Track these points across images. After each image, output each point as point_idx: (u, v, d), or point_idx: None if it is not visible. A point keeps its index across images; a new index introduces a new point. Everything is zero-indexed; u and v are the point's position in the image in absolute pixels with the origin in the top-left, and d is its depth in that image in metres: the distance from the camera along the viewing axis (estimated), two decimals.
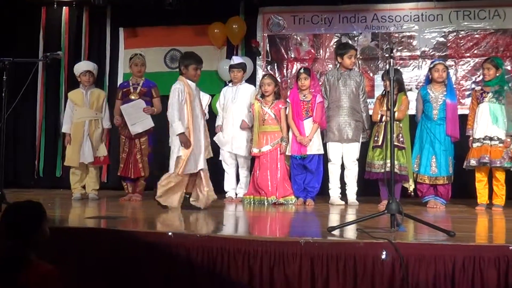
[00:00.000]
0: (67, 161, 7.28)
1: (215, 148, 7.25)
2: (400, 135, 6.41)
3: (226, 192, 7.22)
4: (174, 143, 5.79)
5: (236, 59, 7.44)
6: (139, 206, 6.48)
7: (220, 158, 7.23)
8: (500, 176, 6.32)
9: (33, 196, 6.84)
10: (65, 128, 7.35)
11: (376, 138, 6.50)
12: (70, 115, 7.28)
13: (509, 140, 6.23)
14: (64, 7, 9.07)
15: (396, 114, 6.33)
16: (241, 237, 3.74)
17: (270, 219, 5.54)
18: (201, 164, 5.84)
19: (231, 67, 7.28)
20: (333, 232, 3.96)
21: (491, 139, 6.25)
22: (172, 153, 5.85)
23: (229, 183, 7.24)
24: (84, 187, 7.26)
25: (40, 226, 2.89)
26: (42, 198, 6.73)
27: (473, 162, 6.30)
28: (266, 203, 6.60)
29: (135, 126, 6.96)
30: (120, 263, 3.77)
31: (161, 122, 7.37)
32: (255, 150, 6.80)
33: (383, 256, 3.41)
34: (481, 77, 6.85)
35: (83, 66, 7.36)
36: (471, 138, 6.42)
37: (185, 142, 5.66)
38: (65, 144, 7.38)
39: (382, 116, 6.44)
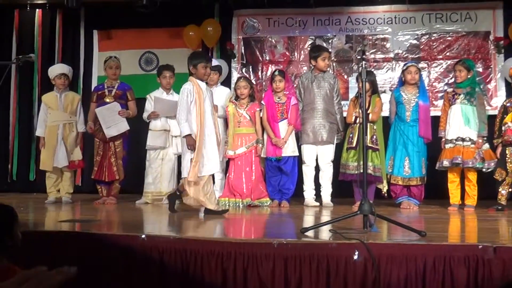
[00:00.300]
0: (41, 165, 7.23)
1: None
2: (374, 136, 6.48)
3: None
4: (184, 145, 5.63)
5: (212, 62, 7.44)
6: (114, 209, 6.46)
7: None
8: (472, 176, 6.40)
9: (6, 200, 6.76)
10: (39, 132, 7.30)
11: (350, 140, 6.56)
12: (44, 119, 7.22)
13: (480, 141, 6.32)
14: (37, 10, 8.98)
15: (370, 115, 6.40)
16: (214, 239, 3.76)
17: (245, 221, 5.56)
18: (217, 166, 5.81)
19: None
20: (306, 233, 3.99)
21: (463, 140, 6.33)
22: (184, 156, 5.70)
23: None
24: (59, 190, 7.22)
25: (11, 230, 2.86)
26: (15, 202, 6.68)
27: (446, 163, 6.37)
28: (241, 205, 6.62)
29: (110, 129, 6.93)
30: (94, 266, 3.76)
31: (137, 125, 7.37)
32: (230, 152, 6.81)
33: (355, 257, 3.44)
34: (453, 79, 6.93)
35: (58, 69, 7.31)
36: (443, 139, 6.49)
37: (192, 144, 5.49)
38: (39, 148, 7.32)
39: (356, 117, 6.50)
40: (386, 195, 6.61)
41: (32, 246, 3.71)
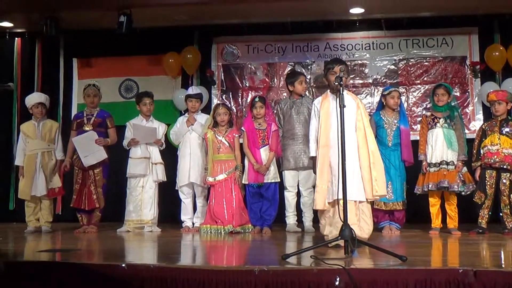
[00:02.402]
0: (20, 194, 7.18)
1: (171, 178, 7.26)
2: None
3: (183, 222, 7.18)
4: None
5: (194, 89, 7.48)
6: (94, 238, 6.39)
7: (176, 188, 7.21)
8: (453, 199, 6.45)
9: None
10: (18, 161, 7.27)
11: None
12: (22, 148, 7.20)
13: (460, 164, 6.38)
14: (16, 38, 8.96)
15: None
16: (195, 267, 3.73)
17: (227, 248, 5.53)
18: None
19: (189, 96, 7.29)
20: (288, 260, 3.98)
21: (447, 163, 6.38)
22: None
23: (186, 213, 7.21)
24: (39, 219, 7.15)
25: None
26: None
27: (431, 186, 6.38)
28: (223, 232, 6.59)
29: (87, 158, 6.90)
30: None
31: (117, 152, 7.34)
32: (210, 179, 6.80)
33: (337, 282, 3.42)
34: (431, 103, 7.00)
35: (35, 98, 7.29)
36: (424, 162, 6.53)
37: None
38: (19, 177, 7.26)
39: None
40: None
41: (12, 276, 3.65)
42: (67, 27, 7.83)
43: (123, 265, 3.77)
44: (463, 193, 6.37)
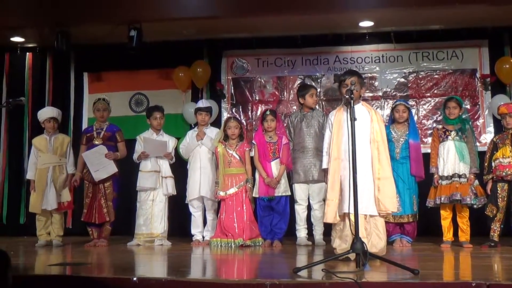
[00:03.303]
0: (31, 207, 7.20)
1: (181, 192, 7.26)
2: None
3: (193, 236, 7.17)
4: None
5: (204, 103, 7.50)
6: (105, 252, 6.39)
7: (186, 202, 7.21)
8: (465, 212, 6.41)
9: None
10: (29, 175, 7.29)
11: None
12: (34, 162, 7.22)
13: (472, 177, 6.35)
14: (27, 53, 9.03)
15: None
16: (206, 280, 3.72)
17: (237, 261, 5.51)
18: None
19: (199, 110, 7.30)
20: (299, 273, 3.96)
21: (459, 176, 6.35)
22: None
23: (195, 226, 7.20)
24: (49, 233, 7.16)
25: (5, 274, 2.83)
26: (5, 245, 6.58)
27: (444, 199, 6.35)
28: (233, 246, 6.58)
29: (98, 172, 6.92)
30: None
31: (127, 166, 7.36)
32: (221, 193, 6.79)
33: None
34: (442, 116, 6.98)
35: (47, 113, 7.32)
36: (436, 175, 6.50)
37: None
38: (30, 191, 7.29)
39: None
40: None
41: None
42: (78, 42, 7.87)
43: (134, 279, 3.76)
44: (475, 206, 6.34)
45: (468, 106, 8.07)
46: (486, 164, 6.49)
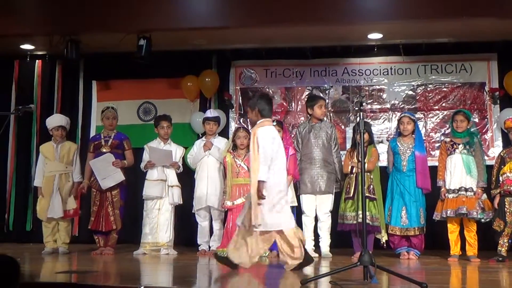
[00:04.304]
0: (38, 214, 7.22)
1: (188, 201, 7.26)
2: (371, 186, 6.49)
3: (199, 245, 7.16)
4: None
5: (212, 112, 7.51)
6: (111, 260, 6.40)
7: (193, 211, 7.21)
8: (472, 226, 6.39)
9: (2, 250, 6.71)
10: (37, 182, 7.32)
11: (347, 190, 6.56)
12: (42, 169, 7.24)
13: (480, 191, 6.33)
14: (37, 60, 9.08)
15: (366, 165, 6.39)
16: None
17: (244, 272, 5.49)
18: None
19: (207, 119, 7.31)
20: (306, 285, 3.95)
21: (466, 190, 6.34)
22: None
23: (202, 236, 7.19)
24: (56, 241, 7.17)
25: (16, 281, 2.83)
26: (11, 252, 6.59)
27: (450, 213, 6.35)
28: None
29: (105, 180, 6.93)
30: None
31: (134, 174, 7.37)
32: (228, 203, 6.78)
33: None
34: (450, 129, 6.97)
35: (56, 121, 7.34)
36: (443, 189, 6.49)
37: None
38: (37, 197, 7.30)
39: (352, 167, 6.53)
40: (385, 245, 6.57)
41: None
42: (87, 50, 7.91)
43: (142, 287, 3.76)
44: (482, 220, 6.32)
45: (477, 120, 8.05)
46: (493, 178, 6.46)
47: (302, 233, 5.33)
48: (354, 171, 6.52)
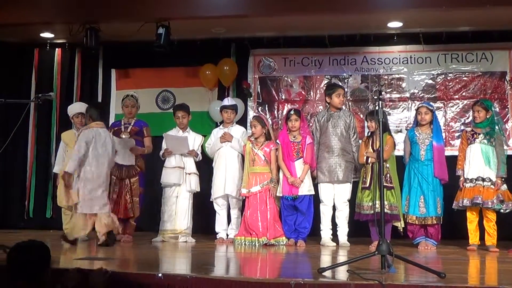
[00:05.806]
0: (58, 201, 7.26)
1: (206, 189, 7.28)
2: (388, 175, 6.46)
3: (217, 233, 7.19)
4: None
5: (229, 100, 7.51)
6: (130, 247, 6.44)
7: (211, 199, 7.23)
8: (492, 216, 6.35)
9: (23, 237, 6.77)
10: (56, 169, 7.37)
11: (364, 180, 6.54)
12: (62, 156, 7.29)
13: (499, 182, 6.29)
14: (56, 49, 9.12)
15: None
16: (231, 278, 3.73)
17: (261, 260, 5.52)
18: None
19: (225, 107, 7.32)
20: (324, 273, 3.95)
21: (483, 180, 6.30)
22: None
23: (220, 224, 7.21)
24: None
25: (49, 266, 2.90)
26: (32, 238, 6.65)
27: (466, 202, 6.32)
28: (257, 244, 6.58)
29: (118, 158, 6.92)
30: None
31: (153, 162, 7.41)
32: (244, 191, 6.81)
33: None
34: (470, 118, 6.91)
35: (76, 108, 7.40)
36: (462, 178, 6.46)
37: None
38: (56, 184, 7.36)
39: (367, 158, 6.51)
40: (403, 233, 6.55)
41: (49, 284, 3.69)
42: (106, 39, 7.92)
43: (160, 275, 3.79)
44: (501, 210, 6.27)
45: (497, 109, 7.94)
46: None
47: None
48: (369, 161, 6.50)
